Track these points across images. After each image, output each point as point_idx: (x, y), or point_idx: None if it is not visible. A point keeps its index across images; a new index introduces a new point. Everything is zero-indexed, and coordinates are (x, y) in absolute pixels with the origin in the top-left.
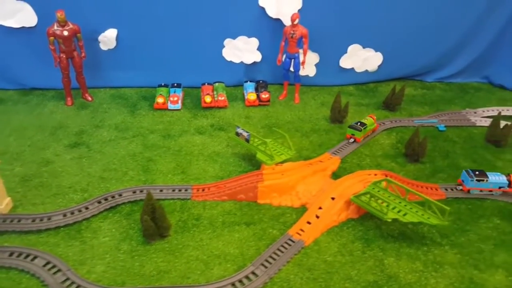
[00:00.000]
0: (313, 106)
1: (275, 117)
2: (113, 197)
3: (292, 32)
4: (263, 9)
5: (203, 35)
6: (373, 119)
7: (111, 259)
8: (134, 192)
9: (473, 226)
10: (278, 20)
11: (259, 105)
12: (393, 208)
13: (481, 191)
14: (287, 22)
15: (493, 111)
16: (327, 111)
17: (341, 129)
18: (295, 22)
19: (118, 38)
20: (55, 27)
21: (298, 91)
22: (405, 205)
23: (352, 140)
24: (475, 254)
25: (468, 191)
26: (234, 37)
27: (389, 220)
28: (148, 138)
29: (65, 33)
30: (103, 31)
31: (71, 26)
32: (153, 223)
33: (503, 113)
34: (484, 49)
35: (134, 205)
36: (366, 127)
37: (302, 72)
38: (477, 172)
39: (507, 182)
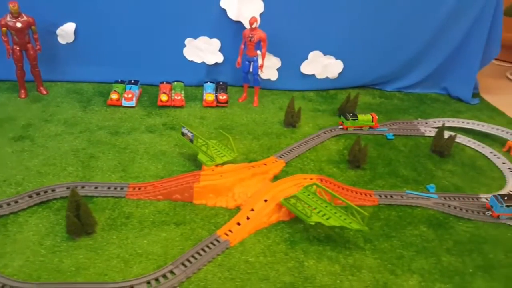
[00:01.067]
0: (270, 110)
1: (230, 119)
2: (45, 192)
3: (250, 35)
4: (224, 10)
5: (163, 32)
6: (373, 117)
7: (31, 254)
8: (68, 188)
9: (399, 232)
10: (239, 23)
11: (217, 106)
12: (319, 212)
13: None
14: (248, 25)
15: (448, 122)
16: (283, 115)
17: (293, 134)
18: (253, 26)
19: (76, 32)
20: (8, 18)
21: (258, 94)
22: (331, 210)
23: (341, 126)
24: (394, 259)
25: (498, 217)
26: (195, 37)
27: (313, 223)
28: (95, 135)
29: (18, 24)
30: (61, 25)
31: (25, 18)
32: (78, 220)
33: (447, 124)
34: (442, 62)
35: (66, 201)
36: (357, 119)
37: (263, 76)
38: (506, 198)
39: None
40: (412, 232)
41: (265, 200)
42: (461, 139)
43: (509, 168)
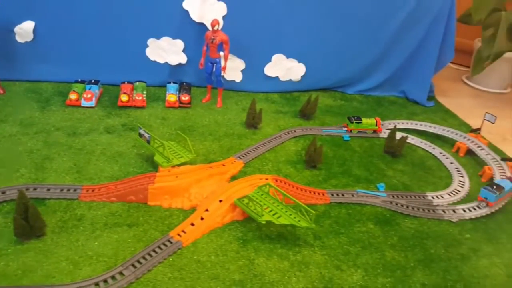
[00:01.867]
0: (233, 111)
1: (192, 120)
2: None
3: (212, 37)
4: (187, 12)
5: (125, 32)
6: (377, 121)
7: None
8: (19, 190)
9: (347, 229)
10: (202, 24)
11: (180, 107)
12: (270, 211)
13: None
14: (210, 27)
15: (398, 124)
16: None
17: (254, 135)
18: (215, 28)
19: (35, 30)
20: None
21: (221, 95)
22: (282, 209)
23: (345, 129)
24: (341, 255)
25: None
26: (158, 37)
27: (264, 222)
28: (52, 135)
29: None
30: (20, 23)
31: None
32: (26, 222)
33: (402, 126)
34: (399, 66)
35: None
36: (361, 123)
37: (227, 77)
38: (494, 187)
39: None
40: (360, 229)
41: (220, 201)
42: (413, 140)
43: (456, 168)
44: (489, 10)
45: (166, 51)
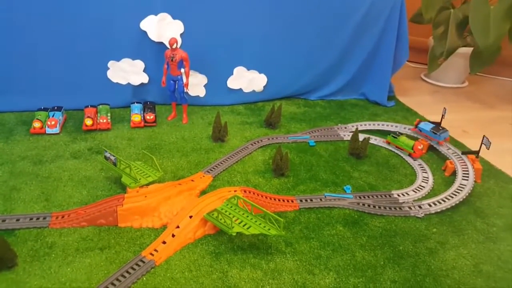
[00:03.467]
0: (200, 126)
1: (159, 138)
2: None
3: (172, 55)
4: (145, 32)
5: (85, 56)
6: (415, 146)
7: None
8: None
9: (318, 233)
10: (161, 43)
11: (145, 126)
12: (240, 222)
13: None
14: (169, 46)
15: (360, 126)
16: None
17: (221, 148)
18: (174, 46)
19: None
20: None
21: (186, 111)
22: (251, 219)
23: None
24: (312, 260)
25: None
26: (118, 59)
27: (234, 234)
28: (17, 165)
29: None
30: None
31: None
32: None
33: (364, 128)
34: (358, 69)
35: None
36: (397, 139)
37: (191, 93)
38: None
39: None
40: (329, 232)
41: (190, 216)
42: (376, 140)
43: (419, 165)
44: (438, 9)
45: (127, 72)
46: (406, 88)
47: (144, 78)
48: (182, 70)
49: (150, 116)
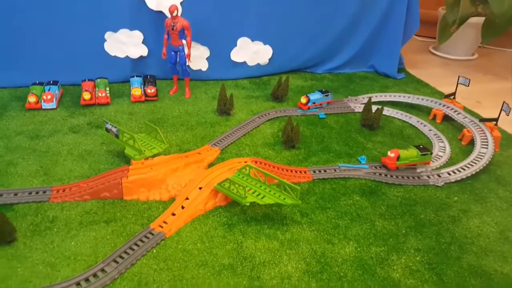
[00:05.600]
0: (203, 100)
1: (161, 112)
2: None
3: (172, 24)
4: (143, 1)
5: (80, 28)
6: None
7: None
8: None
9: (334, 204)
10: (160, 13)
11: (146, 100)
12: (253, 192)
13: None
14: (169, 14)
15: (372, 97)
16: (217, 104)
17: (228, 121)
18: (174, 14)
19: None
20: None
21: (188, 85)
22: (265, 189)
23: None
24: (330, 229)
25: None
26: (115, 30)
27: (248, 204)
28: (13, 141)
29: None
30: None
31: None
32: None
33: (376, 99)
34: (366, 41)
35: None
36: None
37: (193, 66)
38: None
39: None
40: (346, 202)
41: (200, 188)
42: (389, 111)
43: (435, 134)
44: None
45: (125, 44)
46: (415, 61)
47: (143, 51)
48: (184, 41)
49: (151, 90)
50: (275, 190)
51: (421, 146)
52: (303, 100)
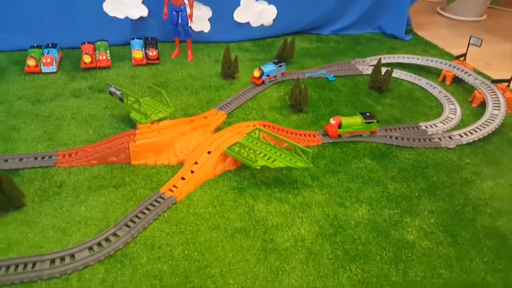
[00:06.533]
0: (207, 63)
1: (164, 76)
2: None
3: None
4: None
5: None
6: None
7: None
8: None
9: (345, 167)
10: None
11: (147, 63)
12: (264, 156)
13: None
14: None
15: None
16: (221, 68)
17: (233, 85)
18: None
19: None
20: None
21: (191, 47)
22: (275, 152)
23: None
24: (342, 193)
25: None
26: None
27: (258, 167)
28: (14, 105)
29: None
30: None
31: None
32: (1, 194)
33: (384, 61)
34: (373, 1)
35: None
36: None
37: (195, 28)
38: None
39: None
40: (357, 165)
41: (209, 152)
42: (397, 73)
43: (445, 96)
44: None
45: (125, 4)
46: (422, 22)
47: (143, 11)
48: (186, 0)
49: (152, 53)
50: (285, 154)
51: (368, 114)
52: (256, 73)
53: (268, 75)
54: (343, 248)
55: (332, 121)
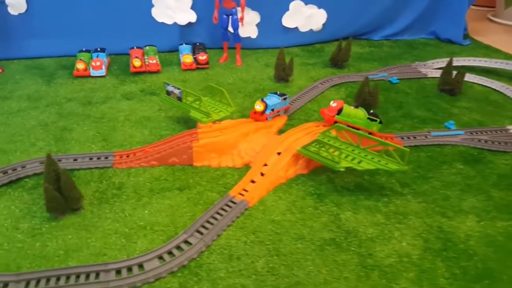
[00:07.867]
0: (256, 68)
1: (215, 80)
2: (14, 169)
3: None
4: None
5: None
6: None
7: (5, 241)
8: (42, 162)
9: (436, 173)
10: None
11: (197, 68)
12: (346, 156)
13: None
14: None
15: (443, 62)
16: (272, 71)
17: (287, 88)
18: None
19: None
20: None
21: (239, 52)
22: (359, 153)
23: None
24: (440, 201)
25: None
26: None
27: (342, 170)
28: (65, 107)
29: None
30: None
31: None
32: (59, 194)
33: (439, 66)
34: (428, 5)
35: (41, 178)
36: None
37: (243, 33)
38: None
39: None
40: (449, 171)
41: (279, 153)
42: (466, 76)
43: None
44: None
45: (173, 9)
46: (476, 29)
47: (192, 17)
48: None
49: (202, 57)
50: (372, 155)
51: (372, 111)
52: (259, 107)
53: (272, 109)
54: (459, 266)
55: (333, 103)
